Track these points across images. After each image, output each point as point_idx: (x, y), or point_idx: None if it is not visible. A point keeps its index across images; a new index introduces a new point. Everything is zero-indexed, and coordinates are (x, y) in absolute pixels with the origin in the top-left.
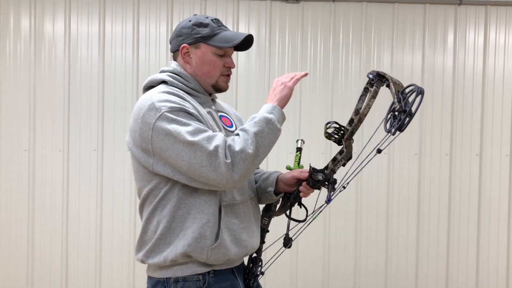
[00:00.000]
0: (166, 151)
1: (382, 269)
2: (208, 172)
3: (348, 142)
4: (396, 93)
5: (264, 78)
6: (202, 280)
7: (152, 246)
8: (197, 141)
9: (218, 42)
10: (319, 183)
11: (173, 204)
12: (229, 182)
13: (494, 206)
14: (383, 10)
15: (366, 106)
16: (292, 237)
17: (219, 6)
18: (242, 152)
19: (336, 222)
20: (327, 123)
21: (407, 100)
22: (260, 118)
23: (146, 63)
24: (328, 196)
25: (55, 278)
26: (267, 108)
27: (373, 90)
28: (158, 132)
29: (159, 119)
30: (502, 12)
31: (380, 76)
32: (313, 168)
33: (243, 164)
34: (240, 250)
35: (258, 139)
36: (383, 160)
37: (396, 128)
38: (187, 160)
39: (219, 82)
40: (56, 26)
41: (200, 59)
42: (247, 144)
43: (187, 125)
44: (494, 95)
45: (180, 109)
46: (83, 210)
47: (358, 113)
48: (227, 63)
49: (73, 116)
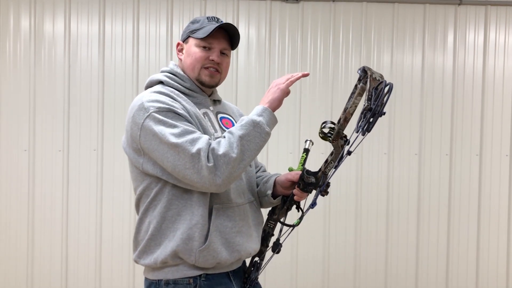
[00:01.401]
0: (153, 152)
1: (382, 269)
2: (191, 175)
3: (335, 143)
4: (369, 90)
5: (264, 78)
6: (193, 283)
7: (143, 247)
8: (180, 143)
9: (199, 34)
10: (310, 186)
11: (164, 205)
12: (211, 185)
13: (494, 206)
14: (383, 10)
15: (352, 104)
16: (281, 243)
17: (219, 6)
18: (225, 156)
19: (336, 222)
20: (323, 122)
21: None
22: (247, 121)
23: (146, 63)
24: (313, 200)
25: (55, 278)
26: (257, 110)
27: (360, 87)
28: (145, 132)
29: (147, 119)
30: (502, 12)
31: (365, 72)
32: (307, 170)
33: (226, 168)
34: (232, 254)
35: (243, 142)
36: (383, 160)
37: (363, 128)
38: (172, 161)
39: (201, 75)
40: (56, 26)
41: (187, 52)
42: (231, 147)
43: (173, 126)
44: (494, 95)
45: (168, 110)
46: (83, 210)
47: (345, 112)
48: (211, 56)
49: (73, 116)
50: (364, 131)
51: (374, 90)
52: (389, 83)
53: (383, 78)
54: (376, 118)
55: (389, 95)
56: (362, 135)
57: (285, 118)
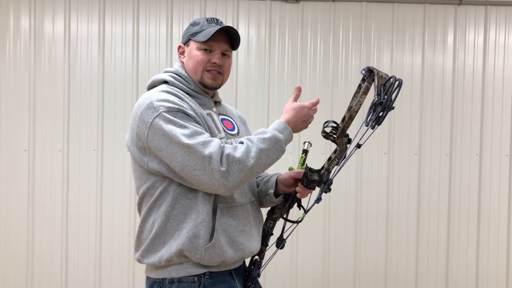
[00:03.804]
0: (160, 151)
1: (382, 269)
2: (201, 176)
3: (340, 140)
4: (377, 86)
5: (264, 78)
6: (198, 281)
7: (147, 246)
8: (192, 145)
9: (200, 37)
10: (314, 183)
11: (168, 204)
12: (221, 188)
13: (494, 206)
14: (383, 10)
15: (357, 103)
16: (285, 238)
17: (219, 6)
18: (241, 163)
19: (335, 222)
20: (325, 122)
21: (388, 93)
22: (271, 136)
23: (146, 63)
24: (318, 196)
25: (55, 278)
26: (280, 126)
27: (364, 86)
28: (154, 131)
29: (157, 118)
30: (502, 12)
31: (370, 71)
32: (309, 168)
33: (238, 174)
34: (236, 253)
35: (262, 155)
36: (383, 160)
37: (373, 121)
38: (181, 162)
39: (204, 78)
40: (56, 26)
41: (188, 55)
42: (248, 156)
43: (184, 127)
44: (494, 95)
45: (178, 110)
46: (83, 210)
47: (349, 110)
48: (213, 59)
49: (73, 116)
50: (374, 125)
51: (383, 86)
52: (399, 78)
53: (395, 76)
54: (386, 112)
55: (399, 90)
56: (372, 128)
57: None
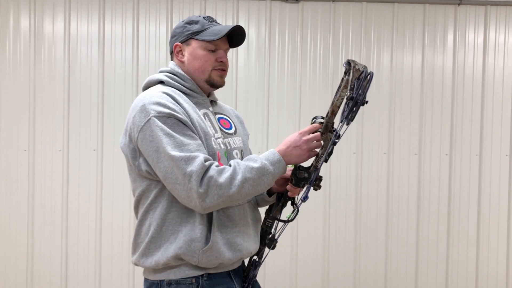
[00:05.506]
0: (148, 156)
1: (382, 269)
2: (180, 191)
3: (324, 136)
4: (351, 80)
5: (264, 78)
6: (196, 283)
7: (144, 249)
8: (176, 158)
9: (207, 36)
10: (303, 181)
11: (164, 207)
12: (196, 207)
13: (493, 206)
14: (383, 10)
15: (338, 97)
16: (276, 238)
17: (218, 6)
18: (222, 189)
19: (335, 222)
20: (313, 117)
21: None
22: (260, 166)
23: (145, 63)
24: (304, 194)
25: (54, 278)
26: (274, 157)
27: (345, 80)
28: (144, 136)
29: (147, 123)
30: (502, 12)
31: (349, 64)
32: (299, 166)
33: (217, 199)
34: (234, 254)
35: (246, 185)
36: (383, 160)
37: (346, 117)
38: (164, 172)
39: (212, 76)
40: (55, 26)
41: (192, 55)
42: (231, 183)
43: (171, 136)
44: (494, 95)
45: (168, 115)
46: (83, 210)
47: (332, 105)
48: (219, 58)
49: (73, 116)
50: (348, 121)
51: (356, 80)
52: (370, 72)
53: (366, 69)
54: (358, 107)
55: (369, 84)
56: (346, 124)
57: (285, 118)
